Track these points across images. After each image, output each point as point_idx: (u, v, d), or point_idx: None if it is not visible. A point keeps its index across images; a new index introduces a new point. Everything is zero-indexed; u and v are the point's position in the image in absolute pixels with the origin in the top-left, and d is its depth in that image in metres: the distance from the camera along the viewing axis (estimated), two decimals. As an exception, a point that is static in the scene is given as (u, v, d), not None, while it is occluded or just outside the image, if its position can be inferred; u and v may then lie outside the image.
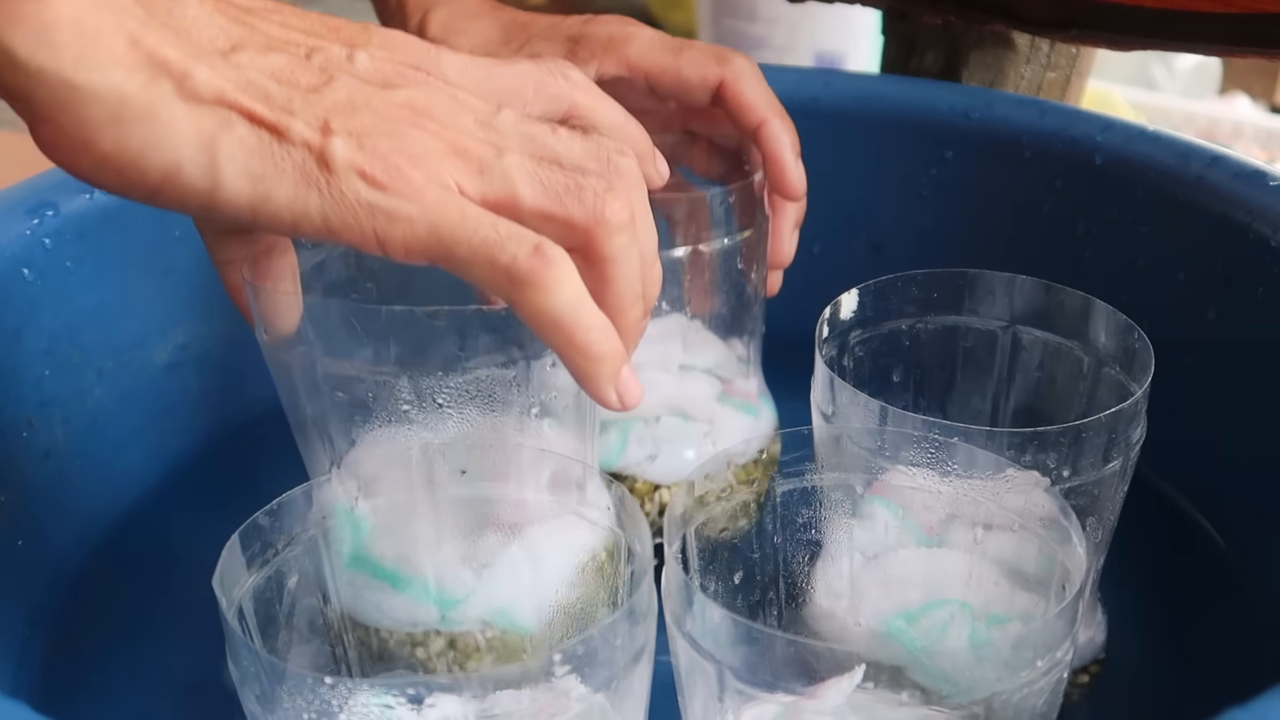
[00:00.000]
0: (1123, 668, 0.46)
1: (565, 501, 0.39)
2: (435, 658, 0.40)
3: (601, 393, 0.34)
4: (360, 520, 0.39)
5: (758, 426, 0.51)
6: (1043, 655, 0.31)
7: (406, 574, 0.39)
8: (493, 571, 0.39)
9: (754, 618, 0.40)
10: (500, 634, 0.39)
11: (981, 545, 0.38)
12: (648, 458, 0.49)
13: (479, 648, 0.40)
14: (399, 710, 0.29)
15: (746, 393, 0.52)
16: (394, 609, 0.40)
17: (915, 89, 0.63)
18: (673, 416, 0.50)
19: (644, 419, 0.50)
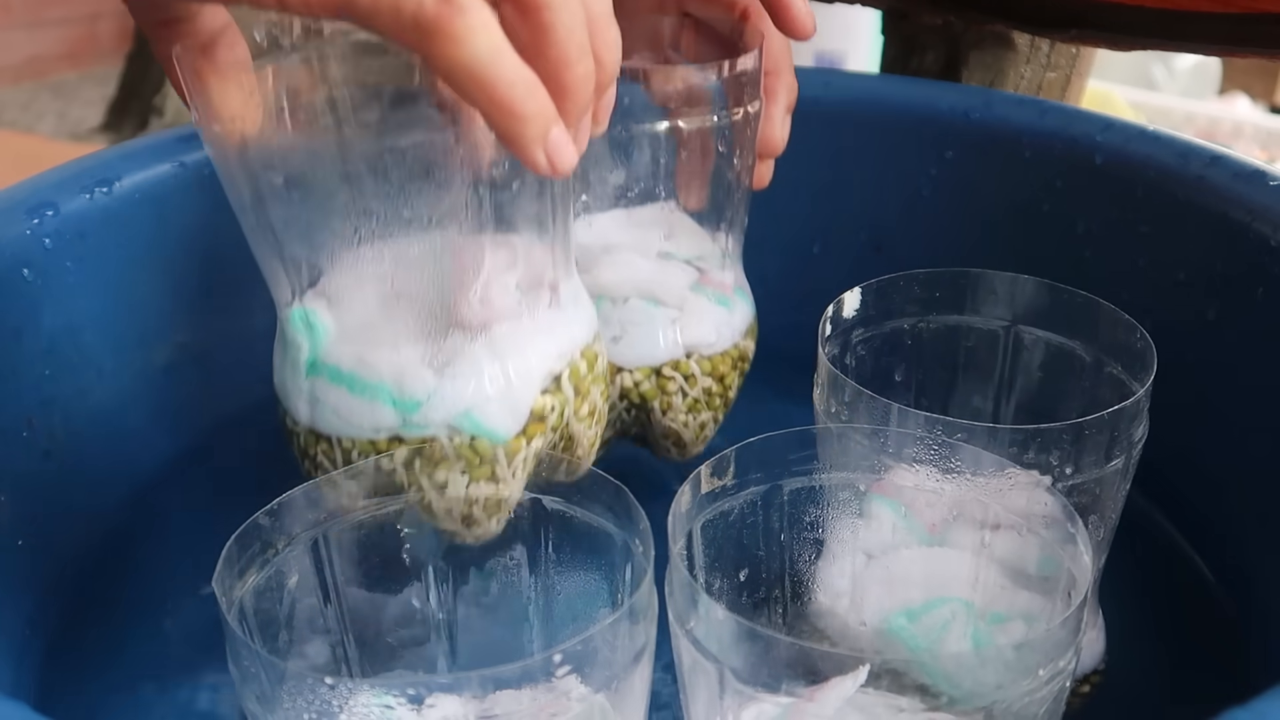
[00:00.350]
0: (1122, 673, 0.46)
1: (536, 299, 0.38)
2: (402, 469, 0.38)
3: (528, 154, 0.32)
4: (317, 324, 0.38)
5: (730, 320, 0.50)
6: (1045, 664, 0.31)
7: (364, 376, 0.38)
8: (455, 370, 0.38)
9: (758, 615, 0.40)
10: (468, 440, 0.38)
11: (984, 544, 0.38)
12: (612, 339, 0.49)
13: (446, 456, 0.38)
14: (399, 710, 0.29)
15: (721, 284, 0.51)
16: (353, 414, 0.38)
17: (915, 89, 0.63)
18: (641, 300, 0.49)
19: (611, 299, 0.49)
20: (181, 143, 0.54)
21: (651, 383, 0.49)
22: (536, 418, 0.39)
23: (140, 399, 0.54)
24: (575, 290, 0.41)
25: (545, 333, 0.39)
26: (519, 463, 0.39)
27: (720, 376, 0.50)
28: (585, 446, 0.42)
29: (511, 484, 0.39)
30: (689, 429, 0.50)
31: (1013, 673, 0.31)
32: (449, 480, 0.39)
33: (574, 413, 0.40)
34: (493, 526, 0.39)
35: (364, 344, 0.38)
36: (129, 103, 2.06)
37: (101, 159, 0.52)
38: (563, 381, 0.40)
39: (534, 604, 0.40)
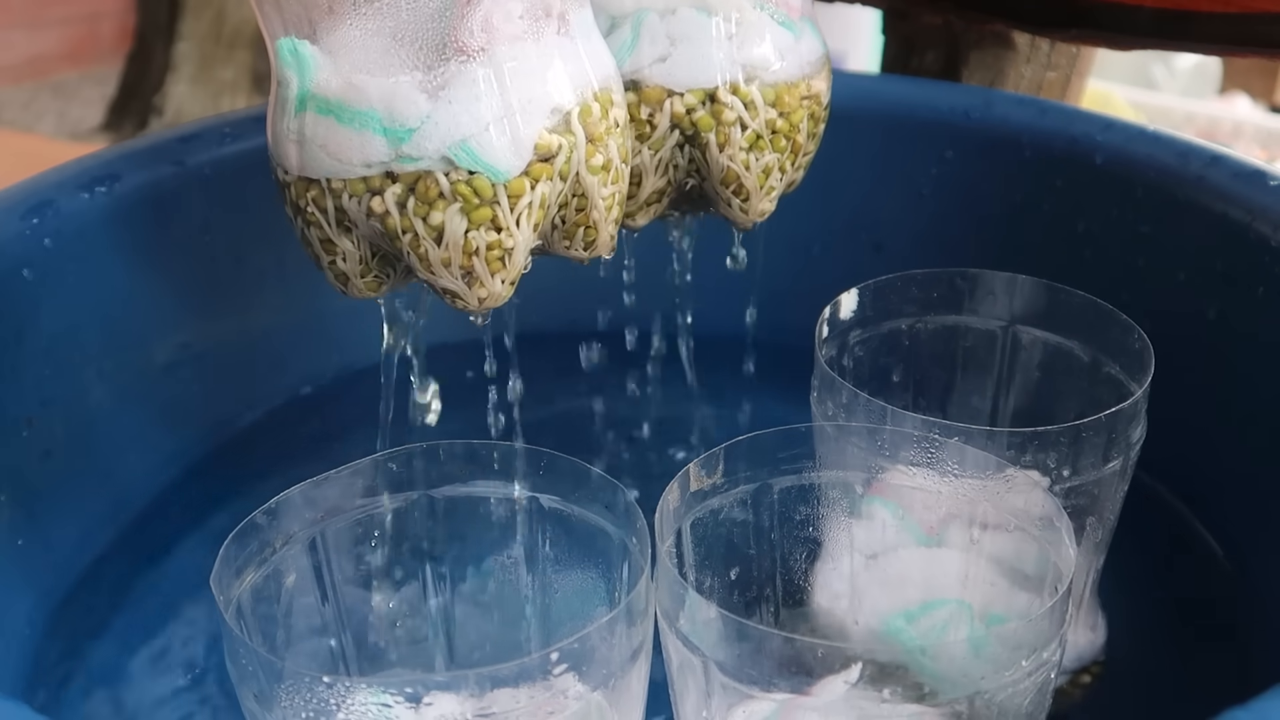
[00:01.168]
0: (1123, 668, 0.46)
1: (543, 27, 0.36)
2: (395, 209, 0.36)
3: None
4: (305, 54, 0.36)
5: (797, 48, 0.44)
6: (1028, 655, 0.31)
7: (353, 103, 0.36)
8: (451, 94, 0.35)
9: (750, 615, 0.40)
10: (466, 177, 0.36)
11: (981, 545, 0.38)
12: (659, 58, 0.43)
13: (443, 193, 0.36)
14: (397, 708, 0.29)
15: (790, 5, 0.45)
16: (341, 147, 0.36)
17: (915, 89, 0.63)
18: (691, 8, 0.43)
19: (658, 10, 0.43)
20: (181, 143, 0.54)
21: (706, 109, 0.43)
22: (541, 156, 0.36)
23: (140, 399, 0.54)
24: (589, 27, 0.38)
25: (553, 62, 0.37)
26: (523, 207, 0.37)
27: (787, 112, 0.44)
28: (601, 208, 0.39)
29: (515, 233, 0.37)
30: (751, 172, 0.44)
31: (995, 664, 0.31)
32: (446, 223, 0.36)
33: (585, 161, 0.37)
34: (498, 288, 0.37)
35: (354, 71, 0.36)
36: (129, 103, 2.06)
37: (101, 159, 0.52)
38: (572, 120, 0.37)
39: (531, 602, 0.40)
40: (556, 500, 0.38)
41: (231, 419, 0.59)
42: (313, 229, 0.39)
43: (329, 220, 0.38)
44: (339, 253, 0.39)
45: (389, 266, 0.40)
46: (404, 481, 0.38)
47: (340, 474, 0.37)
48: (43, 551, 0.48)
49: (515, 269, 0.38)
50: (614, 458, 0.58)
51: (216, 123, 0.55)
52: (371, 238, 0.39)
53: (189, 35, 2.02)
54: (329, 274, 0.40)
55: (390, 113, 0.36)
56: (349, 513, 0.37)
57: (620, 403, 0.61)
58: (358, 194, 0.37)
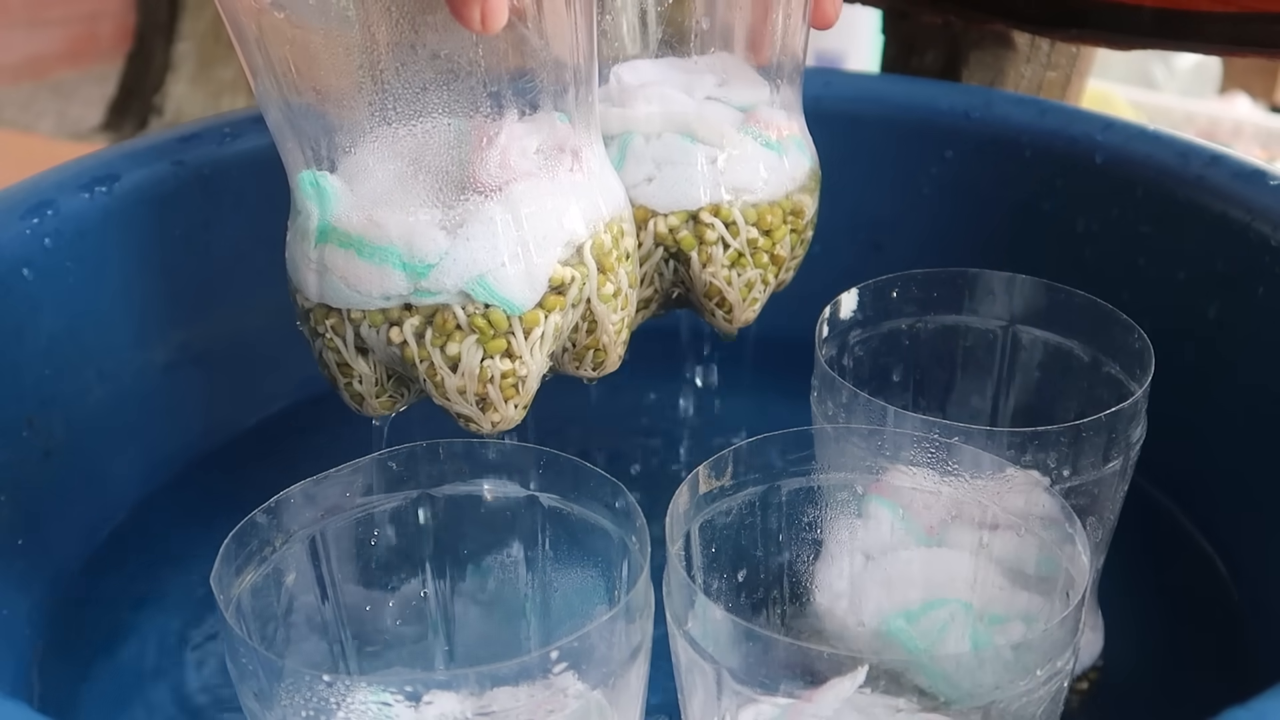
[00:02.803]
0: (1121, 673, 0.46)
1: (557, 164, 0.37)
2: (413, 341, 0.37)
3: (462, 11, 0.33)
4: (326, 187, 0.37)
5: (781, 167, 0.46)
6: (1043, 664, 0.31)
7: (373, 239, 0.37)
8: (469, 231, 0.36)
9: (757, 616, 0.40)
10: (482, 310, 0.37)
11: (982, 545, 0.38)
12: (645, 179, 0.44)
13: (459, 325, 0.37)
14: (396, 707, 0.29)
15: (772, 124, 0.46)
16: (360, 280, 0.37)
17: (915, 89, 0.63)
18: (677, 135, 0.44)
19: (644, 134, 0.45)
20: (181, 143, 0.54)
21: (689, 229, 0.44)
22: (555, 289, 0.38)
23: (140, 399, 0.54)
24: (600, 161, 0.39)
25: (566, 198, 0.38)
26: (536, 337, 0.37)
27: (768, 230, 0.45)
28: (610, 332, 0.40)
29: (529, 362, 0.38)
30: (733, 287, 0.45)
31: (1010, 673, 0.31)
32: (462, 353, 0.37)
33: (596, 290, 0.39)
34: (510, 412, 0.38)
35: (375, 207, 0.37)
36: (129, 102, 2.06)
37: (101, 159, 0.52)
38: (584, 253, 0.38)
39: (531, 601, 0.40)
40: (556, 499, 0.38)
41: (231, 419, 0.59)
42: (330, 353, 0.40)
43: (346, 345, 0.39)
44: (355, 375, 0.40)
45: (403, 387, 0.41)
46: (404, 480, 0.38)
47: (340, 473, 0.37)
48: (43, 551, 0.48)
49: (528, 394, 0.39)
50: (613, 457, 0.58)
51: (216, 123, 0.55)
52: (388, 363, 0.40)
53: (189, 35, 2.02)
54: (344, 394, 0.41)
55: (410, 249, 0.37)
56: (349, 511, 0.37)
57: (620, 402, 0.61)
58: (376, 324, 0.38)
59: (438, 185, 0.37)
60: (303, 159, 0.39)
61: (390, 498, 0.38)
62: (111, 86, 2.09)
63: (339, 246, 0.38)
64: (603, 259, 0.39)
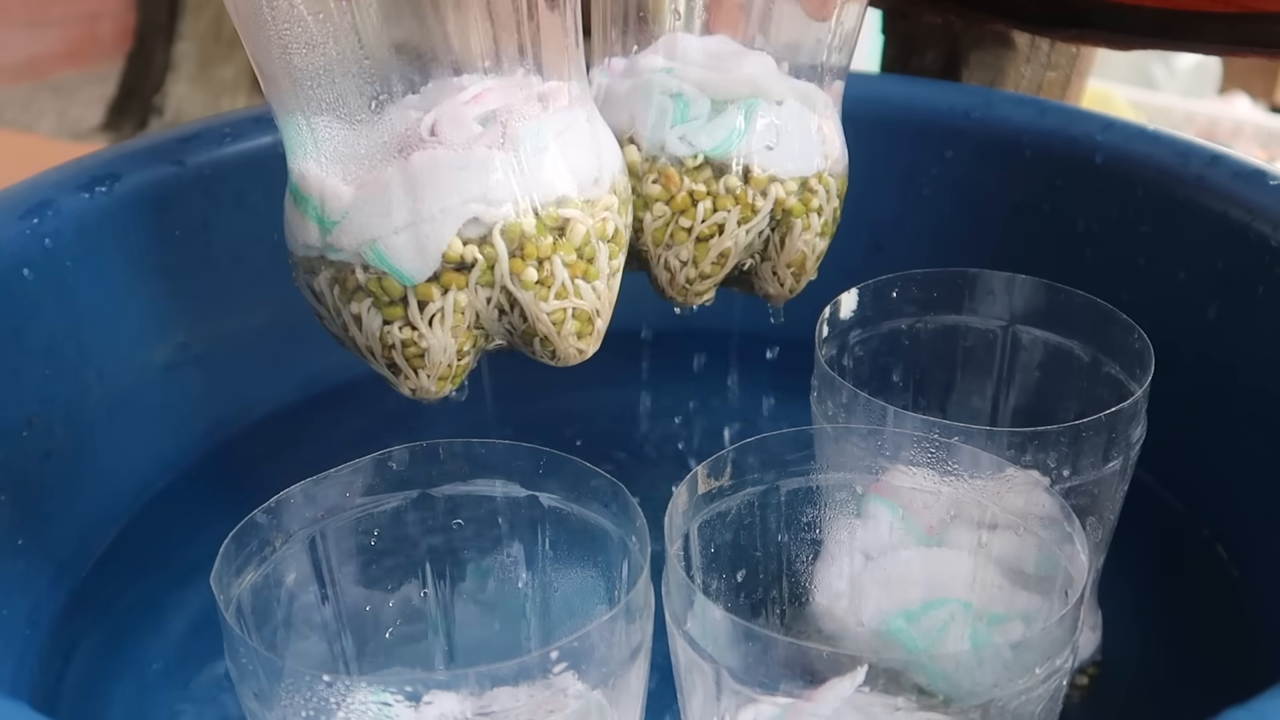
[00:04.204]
0: (1120, 669, 0.46)
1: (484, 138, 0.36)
2: (328, 291, 0.37)
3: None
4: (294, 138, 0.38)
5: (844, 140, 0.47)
6: (1042, 662, 0.31)
7: (301, 189, 0.37)
8: (367, 194, 0.36)
9: (756, 616, 0.40)
10: (378, 276, 0.37)
11: (982, 545, 0.38)
12: (767, 146, 0.44)
13: (360, 286, 0.37)
14: (396, 707, 0.29)
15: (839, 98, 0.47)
16: (294, 227, 0.38)
17: (915, 88, 0.63)
18: (797, 101, 0.44)
19: (772, 100, 0.44)
20: (181, 143, 0.54)
21: (797, 197, 0.45)
22: (453, 266, 0.37)
23: (140, 399, 0.54)
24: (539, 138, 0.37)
25: (480, 173, 0.37)
26: (434, 312, 0.37)
27: (841, 198, 0.47)
28: (546, 324, 0.39)
29: (428, 335, 0.37)
30: (813, 254, 0.46)
31: (1009, 672, 0.31)
32: (362, 315, 0.37)
33: (510, 274, 0.37)
34: (425, 382, 0.38)
35: (315, 158, 0.37)
36: (129, 103, 2.07)
37: (101, 159, 0.53)
38: (494, 235, 0.37)
39: (531, 601, 0.40)
40: (556, 498, 0.38)
41: (231, 419, 0.59)
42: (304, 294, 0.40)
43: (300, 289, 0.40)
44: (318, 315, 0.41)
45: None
46: (404, 480, 0.38)
47: (340, 473, 0.37)
48: (43, 551, 0.48)
49: (439, 367, 0.38)
50: (613, 456, 0.58)
51: (216, 123, 0.55)
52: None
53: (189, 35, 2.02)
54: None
55: (322, 203, 0.37)
56: (349, 511, 0.37)
57: (620, 402, 0.61)
58: (304, 270, 0.39)
59: (369, 144, 0.37)
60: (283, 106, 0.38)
61: (390, 498, 0.38)
62: (111, 86, 2.09)
63: (289, 191, 0.39)
64: (522, 245, 0.37)
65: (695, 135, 0.44)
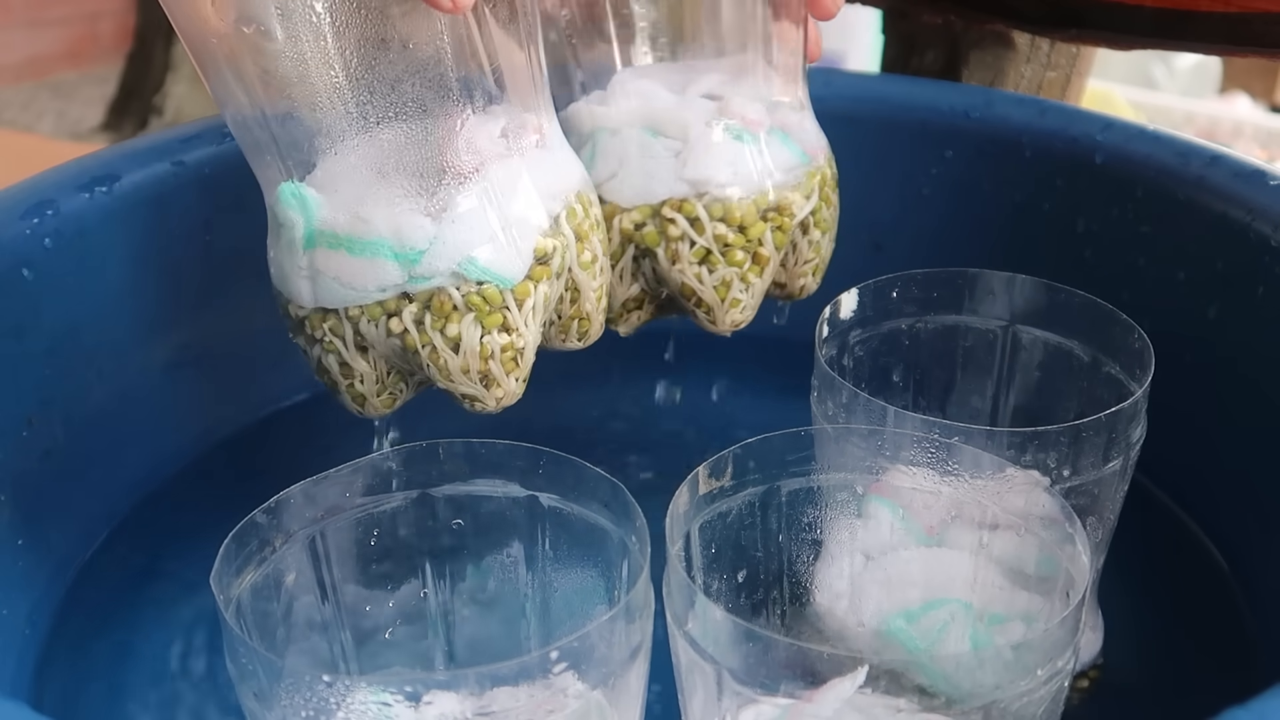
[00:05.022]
0: (1121, 673, 0.46)
1: (523, 142, 0.39)
2: (413, 326, 0.38)
3: None
4: (307, 195, 0.38)
5: (757, 161, 0.44)
6: (1044, 663, 0.31)
7: (362, 235, 0.38)
8: (453, 214, 0.38)
9: (757, 616, 0.40)
10: (476, 287, 0.38)
11: (982, 545, 0.38)
12: (609, 175, 0.44)
13: (456, 305, 0.38)
14: (396, 707, 0.29)
15: (744, 117, 0.44)
16: (355, 276, 0.38)
17: (915, 88, 0.63)
18: (637, 129, 0.44)
19: (610, 130, 0.45)
20: (181, 143, 0.54)
21: (654, 225, 0.44)
22: (540, 259, 0.39)
23: (140, 399, 0.54)
24: (559, 136, 0.41)
25: (538, 172, 0.40)
26: (529, 309, 0.39)
27: (741, 226, 0.44)
28: (592, 300, 0.42)
29: (525, 333, 0.39)
30: (706, 285, 0.44)
31: (1010, 673, 0.31)
32: (462, 332, 0.38)
33: (576, 258, 0.40)
34: (513, 386, 0.40)
35: (359, 205, 0.38)
36: (129, 103, 2.06)
37: (101, 159, 0.53)
38: (561, 223, 0.40)
39: (531, 601, 0.40)
40: (556, 499, 0.38)
41: (231, 419, 0.59)
42: (330, 356, 0.41)
43: (346, 345, 0.40)
44: (356, 375, 0.41)
45: (402, 382, 0.42)
46: (404, 480, 0.38)
47: (340, 473, 0.37)
48: (43, 551, 0.48)
49: (526, 366, 0.40)
50: (613, 457, 0.58)
51: (216, 123, 0.55)
52: (388, 356, 0.41)
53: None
54: (346, 397, 0.42)
55: (399, 239, 0.38)
56: (349, 512, 0.37)
57: (620, 402, 0.61)
58: (375, 317, 0.39)
59: (416, 176, 0.39)
60: (280, 172, 0.40)
61: (390, 498, 0.38)
62: (111, 86, 2.09)
63: (329, 248, 0.39)
64: (578, 228, 0.41)
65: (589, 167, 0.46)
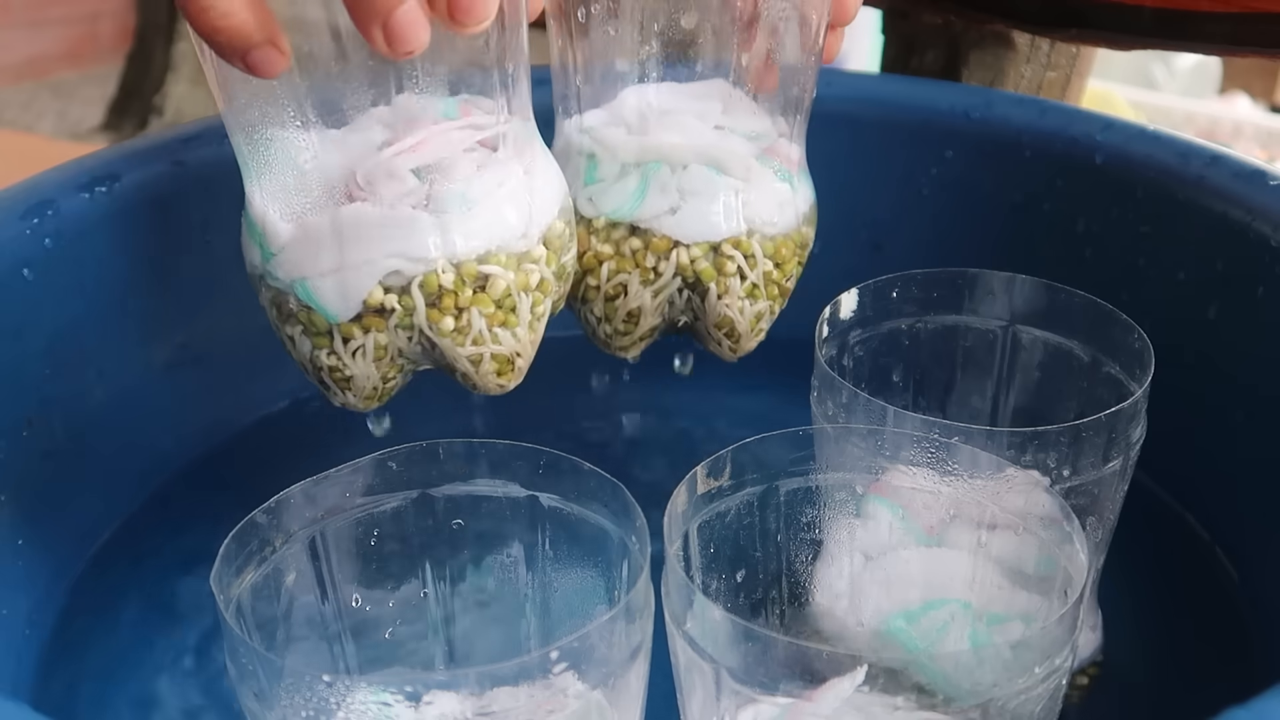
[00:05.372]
0: (1120, 670, 0.46)
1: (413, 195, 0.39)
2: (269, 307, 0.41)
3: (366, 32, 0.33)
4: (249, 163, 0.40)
5: (794, 200, 0.47)
6: (1041, 661, 0.31)
7: (250, 212, 0.41)
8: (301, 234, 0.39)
9: (756, 616, 0.40)
10: (306, 309, 0.40)
11: (982, 545, 0.38)
12: (669, 209, 0.45)
13: (292, 313, 0.40)
14: (396, 707, 0.29)
15: (788, 158, 0.47)
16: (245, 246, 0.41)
17: (915, 89, 0.63)
18: (704, 166, 0.45)
19: (670, 164, 0.45)
20: (181, 143, 0.54)
21: (709, 261, 0.45)
22: (373, 310, 0.39)
23: (140, 399, 0.54)
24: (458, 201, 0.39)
25: (400, 230, 0.39)
26: (355, 348, 0.39)
27: (781, 262, 0.46)
28: (466, 366, 0.41)
29: (352, 366, 0.40)
30: (744, 317, 0.46)
31: (1009, 671, 0.31)
32: (295, 337, 0.40)
33: (428, 323, 0.39)
34: (353, 400, 0.40)
35: (258, 186, 0.40)
36: (129, 103, 2.06)
37: (101, 159, 0.53)
38: (413, 287, 0.39)
39: (531, 601, 0.40)
40: (556, 499, 0.38)
41: (231, 419, 0.59)
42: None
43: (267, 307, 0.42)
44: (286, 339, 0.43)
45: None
46: (404, 480, 0.38)
47: (340, 473, 0.37)
48: (43, 551, 0.48)
49: (364, 390, 0.41)
50: (613, 457, 0.58)
51: (216, 123, 0.55)
52: None
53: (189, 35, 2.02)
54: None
55: (264, 232, 0.40)
56: (349, 511, 0.37)
57: (619, 402, 0.61)
58: (253, 286, 0.42)
59: (313, 186, 0.39)
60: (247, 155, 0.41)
61: (390, 498, 0.38)
62: (111, 86, 2.09)
63: (244, 218, 0.41)
64: (440, 297, 0.39)
65: (600, 197, 0.45)
